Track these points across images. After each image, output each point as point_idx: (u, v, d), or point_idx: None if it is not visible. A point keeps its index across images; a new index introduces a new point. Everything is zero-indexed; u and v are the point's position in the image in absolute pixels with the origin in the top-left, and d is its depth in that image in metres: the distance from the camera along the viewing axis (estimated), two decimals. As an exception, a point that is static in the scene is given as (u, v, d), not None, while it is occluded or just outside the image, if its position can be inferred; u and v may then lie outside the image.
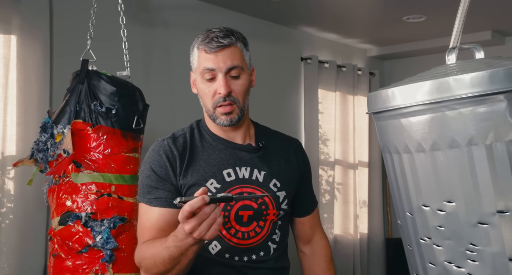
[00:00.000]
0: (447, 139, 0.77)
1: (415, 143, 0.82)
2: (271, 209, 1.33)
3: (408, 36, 4.01)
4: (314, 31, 3.90)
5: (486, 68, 0.74)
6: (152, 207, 1.27)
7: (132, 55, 2.61)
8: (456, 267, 0.81)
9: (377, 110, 0.91)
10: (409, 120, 0.82)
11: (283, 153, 1.42)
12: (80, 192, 1.66)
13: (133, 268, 1.73)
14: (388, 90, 0.87)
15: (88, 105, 1.70)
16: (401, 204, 0.92)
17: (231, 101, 1.28)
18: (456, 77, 0.75)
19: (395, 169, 0.90)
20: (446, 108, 0.77)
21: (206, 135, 1.36)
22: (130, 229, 1.75)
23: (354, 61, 4.34)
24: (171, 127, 2.93)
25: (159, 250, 1.16)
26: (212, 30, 1.29)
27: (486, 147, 0.74)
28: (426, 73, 0.90)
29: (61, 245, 1.66)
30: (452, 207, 0.79)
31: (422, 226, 0.86)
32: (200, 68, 1.29)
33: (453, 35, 1.01)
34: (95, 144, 1.69)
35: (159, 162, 1.29)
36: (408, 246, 0.94)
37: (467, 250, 0.79)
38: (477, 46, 0.92)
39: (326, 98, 4.05)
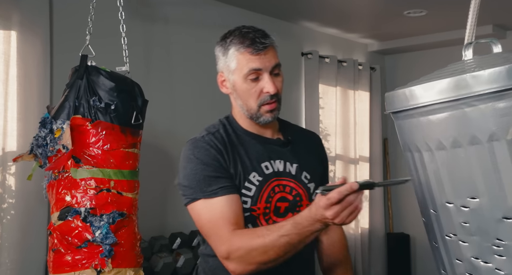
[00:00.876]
0: (468, 136, 0.77)
1: (436, 141, 0.82)
2: (304, 200, 1.38)
3: (409, 30, 4.00)
4: (315, 26, 3.89)
5: (504, 63, 0.74)
6: (217, 198, 1.26)
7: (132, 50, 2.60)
8: (483, 263, 0.81)
9: (396, 110, 0.91)
10: (428, 118, 0.82)
11: (308, 146, 1.48)
12: (80, 188, 1.67)
13: (132, 263, 1.74)
14: (406, 89, 0.87)
15: (87, 101, 1.70)
16: (424, 201, 0.92)
17: (276, 99, 1.33)
18: (474, 74, 0.75)
19: (417, 167, 0.91)
20: (465, 105, 0.77)
21: (238, 131, 1.39)
22: (129, 224, 1.75)
23: (355, 56, 4.33)
24: (171, 123, 2.96)
25: (273, 238, 1.16)
26: (247, 31, 1.32)
27: (508, 142, 0.74)
28: (443, 70, 0.89)
29: (61, 240, 1.67)
30: (476, 203, 0.79)
31: (446, 223, 0.86)
32: (244, 69, 1.31)
33: (467, 30, 0.99)
34: (94, 139, 1.69)
35: (209, 155, 1.30)
36: (434, 243, 0.94)
37: (493, 245, 0.79)
38: (494, 40, 0.92)
39: (327, 93, 4.04)
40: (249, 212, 1.31)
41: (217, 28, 3.23)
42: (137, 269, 1.74)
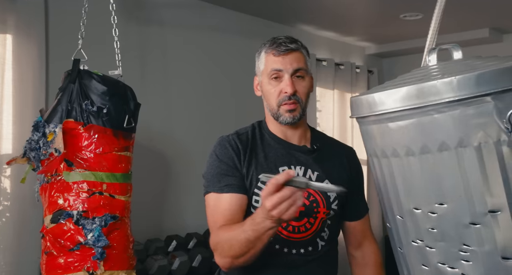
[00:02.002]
0: (437, 142, 0.77)
1: (404, 147, 0.82)
2: (322, 207, 1.41)
3: (405, 33, 4.01)
4: (312, 29, 3.90)
5: (472, 70, 0.75)
6: (223, 194, 1.36)
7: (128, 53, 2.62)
8: (450, 268, 0.81)
9: (362, 115, 0.91)
10: (397, 124, 0.82)
11: (336, 157, 1.50)
12: (72, 191, 1.68)
13: (125, 266, 1.74)
14: (374, 94, 0.86)
15: (80, 105, 1.71)
16: (390, 207, 0.92)
17: (295, 100, 1.39)
18: (444, 81, 0.75)
19: (383, 173, 0.90)
20: (434, 111, 0.77)
21: (266, 134, 1.47)
22: (122, 227, 1.76)
23: (352, 59, 4.34)
24: (166, 125, 2.97)
25: (237, 233, 1.22)
26: (278, 37, 1.43)
27: (475, 148, 0.74)
28: (407, 76, 0.90)
29: (53, 243, 1.68)
30: (444, 209, 0.79)
31: (413, 229, 0.86)
32: (268, 69, 1.41)
33: (429, 35, 1.01)
34: (86, 143, 1.70)
35: (226, 153, 1.40)
36: (399, 249, 0.93)
37: (460, 250, 0.79)
38: (455, 46, 0.93)
39: (324, 96, 4.05)
40: None
41: (213, 31, 3.27)
42: (130, 271, 1.75)
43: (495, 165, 0.75)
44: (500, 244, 0.75)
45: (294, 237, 1.38)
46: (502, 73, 0.73)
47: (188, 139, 3.06)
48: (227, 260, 1.28)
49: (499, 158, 0.74)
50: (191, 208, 3.00)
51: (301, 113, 1.41)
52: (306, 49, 1.46)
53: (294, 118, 1.40)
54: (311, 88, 1.44)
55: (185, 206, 3.02)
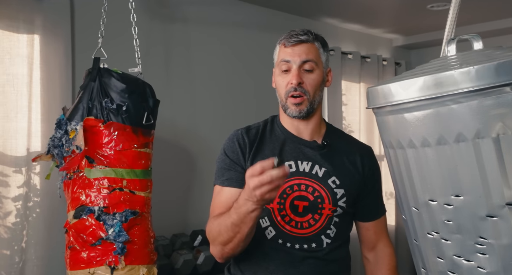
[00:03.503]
0: (454, 133, 0.76)
1: (420, 137, 0.81)
2: (327, 203, 1.39)
3: (433, 24, 3.91)
4: (337, 22, 3.85)
5: (490, 60, 0.73)
6: (224, 187, 1.40)
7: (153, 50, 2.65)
8: (465, 261, 0.80)
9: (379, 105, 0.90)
10: (414, 114, 0.81)
11: (349, 155, 1.48)
12: (93, 187, 1.71)
13: (145, 260, 1.77)
14: (390, 84, 0.85)
15: (100, 102, 1.75)
16: (406, 199, 0.91)
17: (301, 92, 1.38)
18: (462, 70, 0.74)
19: (399, 165, 0.89)
20: (451, 101, 0.75)
21: (277, 128, 1.48)
22: (142, 223, 1.79)
23: (379, 51, 4.27)
24: (191, 121, 3.00)
25: (224, 219, 1.27)
26: (295, 30, 1.42)
27: (493, 140, 0.73)
28: (426, 66, 0.88)
29: (76, 238, 1.72)
30: (460, 201, 0.78)
31: (429, 221, 0.85)
32: (278, 60, 1.42)
33: (448, 26, 0.98)
34: (107, 140, 1.73)
35: (232, 147, 1.43)
36: (414, 241, 0.92)
37: (476, 243, 0.78)
38: (476, 37, 0.90)
39: (350, 90, 4.00)
40: None
41: (236, 26, 3.27)
42: (150, 266, 1.78)
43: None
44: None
45: (297, 232, 1.37)
46: (522, 62, 0.72)
47: (213, 136, 3.08)
48: (218, 248, 1.32)
49: (518, 150, 0.72)
50: (216, 203, 3.02)
51: (308, 107, 1.39)
52: (323, 42, 1.44)
53: (301, 112, 1.39)
54: (321, 81, 1.41)
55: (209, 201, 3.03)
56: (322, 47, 1.43)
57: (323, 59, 1.42)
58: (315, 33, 1.43)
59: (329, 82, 1.47)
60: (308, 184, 1.39)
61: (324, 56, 1.43)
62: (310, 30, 1.43)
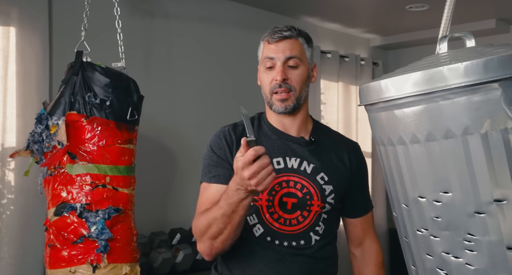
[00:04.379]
0: (442, 129, 0.77)
1: (410, 134, 0.81)
2: (316, 200, 1.38)
3: (411, 25, 3.97)
4: (316, 21, 3.87)
5: (479, 57, 0.73)
6: (211, 184, 1.39)
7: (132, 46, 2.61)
8: (454, 258, 0.81)
9: (370, 102, 0.90)
10: (403, 111, 0.81)
11: (336, 151, 1.47)
12: (75, 183, 1.67)
13: (128, 258, 1.74)
14: (381, 81, 0.86)
15: (83, 97, 1.70)
16: (396, 196, 0.91)
17: (287, 88, 1.37)
18: (450, 67, 0.74)
19: (390, 161, 0.89)
20: (440, 98, 0.76)
21: (264, 125, 1.46)
22: (125, 220, 1.75)
23: (357, 51, 4.31)
24: (171, 118, 2.96)
25: (213, 211, 1.25)
26: (278, 26, 1.41)
27: (482, 136, 0.73)
28: (418, 63, 0.89)
29: (57, 236, 1.67)
30: (448, 197, 0.79)
31: (418, 217, 0.85)
32: (262, 57, 1.41)
33: (442, 24, 1.00)
34: (89, 135, 1.69)
35: (219, 144, 1.42)
36: (405, 238, 0.93)
37: (464, 240, 0.78)
38: (468, 34, 0.91)
39: (329, 89, 4.03)
40: (252, 202, 1.36)
41: (217, 24, 3.25)
42: (133, 264, 1.75)
43: (502, 154, 0.73)
44: (505, 234, 0.74)
45: (285, 229, 1.37)
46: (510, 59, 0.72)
47: (193, 132, 3.05)
48: (207, 244, 1.30)
49: (506, 147, 0.73)
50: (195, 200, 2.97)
51: (295, 103, 1.38)
52: (307, 37, 1.43)
53: (287, 108, 1.38)
54: (306, 77, 1.41)
55: (189, 199, 3.01)
56: (306, 42, 1.42)
57: (307, 55, 1.41)
58: (299, 29, 1.43)
59: (314, 77, 1.46)
60: (297, 181, 1.38)
61: (308, 52, 1.42)
62: (294, 26, 1.42)
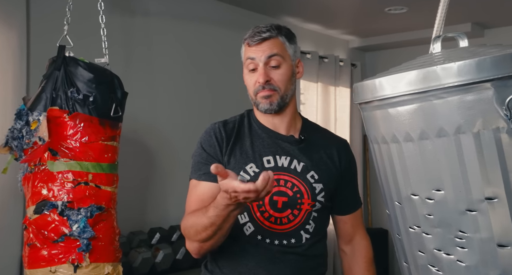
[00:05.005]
0: (435, 128, 0.78)
1: (403, 132, 0.82)
2: (306, 198, 1.38)
3: (390, 27, 4.03)
4: (297, 21, 3.88)
5: (472, 57, 0.75)
6: (201, 182, 1.38)
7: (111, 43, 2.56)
8: (445, 255, 0.82)
9: (364, 101, 0.91)
10: (397, 109, 0.82)
11: (326, 148, 1.47)
12: (56, 181, 1.63)
13: (111, 258, 1.71)
14: (375, 80, 0.86)
15: (65, 92, 1.67)
16: (389, 194, 0.92)
17: (270, 89, 1.37)
18: (444, 66, 0.75)
19: (383, 159, 0.90)
20: (433, 97, 0.77)
21: (254, 123, 1.46)
22: (108, 218, 1.72)
23: (336, 52, 4.35)
24: (151, 116, 2.93)
25: (201, 219, 1.25)
26: (258, 26, 1.40)
27: (474, 135, 0.74)
28: (412, 62, 0.90)
29: (37, 234, 1.63)
30: (440, 195, 0.80)
31: (411, 215, 0.86)
32: (245, 59, 1.41)
33: (436, 24, 1.01)
34: (72, 131, 1.65)
35: (209, 141, 1.42)
36: (397, 235, 0.94)
37: (456, 237, 0.79)
38: (461, 35, 0.93)
39: (308, 89, 4.05)
40: None
41: (198, 22, 3.23)
42: (116, 264, 1.72)
43: (493, 153, 0.75)
44: (496, 231, 0.76)
45: (276, 228, 1.37)
46: (503, 59, 0.73)
47: (173, 130, 3.02)
48: (195, 245, 1.31)
49: (498, 146, 0.75)
50: (175, 200, 2.97)
51: (279, 101, 1.38)
52: (288, 35, 1.42)
53: (272, 105, 1.38)
54: (290, 75, 1.40)
55: (168, 198, 2.99)
56: (287, 40, 1.41)
57: (290, 52, 1.40)
58: (280, 27, 1.41)
59: (300, 73, 1.46)
60: (287, 179, 1.38)
61: (291, 49, 1.41)
62: (274, 25, 1.41)
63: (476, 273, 0.79)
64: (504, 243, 0.75)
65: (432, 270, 0.86)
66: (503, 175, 0.74)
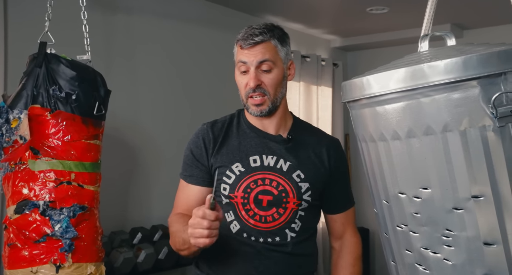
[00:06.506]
0: (423, 126, 0.78)
1: (391, 131, 0.82)
2: (291, 197, 1.39)
3: (371, 27, 4.06)
4: (279, 20, 3.88)
5: (459, 55, 0.75)
6: (188, 184, 1.45)
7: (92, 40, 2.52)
8: (432, 253, 0.82)
9: (352, 99, 0.91)
10: (385, 108, 0.83)
11: (315, 147, 1.48)
12: (38, 180, 1.60)
13: (93, 258, 1.68)
14: (363, 78, 0.87)
15: (47, 90, 1.63)
16: (377, 192, 0.93)
17: (261, 93, 1.38)
18: (430, 64, 0.76)
19: (371, 158, 0.91)
20: (421, 95, 0.77)
21: (243, 123, 1.48)
22: (91, 218, 1.70)
23: (318, 51, 4.36)
24: (132, 114, 2.90)
25: (179, 231, 1.32)
26: (252, 27, 1.40)
27: (461, 133, 0.75)
28: (400, 61, 0.90)
29: (17, 234, 1.60)
30: (427, 193, 0.80)
31: (398, 213, 0.87)
32: (237, 61, 1.42)
33: (425, 22, 1.02)
34: (54, 130, 1.62)
35: (196, 143, 1.46)
36: (385, 234, 0.94)
37: (442, 235, 0.80)
38: (449, 34, 0.94)
39: (290, 88, 4.06)
40: (228, 199, 1.40)
41: (180, 20, 3.20)
42: (99, 263, 1.69)
43: (480, 151, 0.75)
44: (482, 229, 0.76)
45: (260, 226, 1.39)
46: (489, 58, 0.74)
47: (155, 128, 3.00)
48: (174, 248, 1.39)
49: (484, 144, 0.75)
50: (157, 199, 2.95)
51: (270, 106, 1.40)
52: (280, 37, 1.42)
53: (262, 112, 1.40)
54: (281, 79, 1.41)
55: (150, 198, 2.96)
56: (280, 43, 1.41)
57: (282, 55, 1.41)
58: (272, 28, 1.42)
59: (292, 75, 1.47)
60: (272, 179, 1.40)
61: (283, 52, 1.42)
62: (267, 26, 1.41)
63: (462, 272, 0.79)
64: (490, 242, 0.76)
65: (419, 269, 0.86)
66: (489, 174, 0.75)
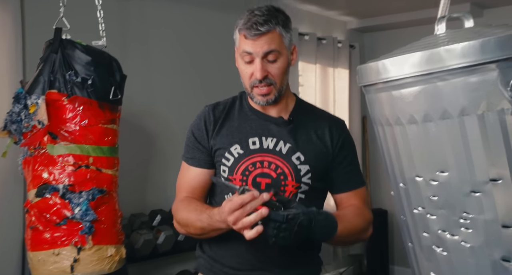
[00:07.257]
0: (439, 110, 0.77)
1: (407, 115, 0.81)
2: (290, 180, 1.38)
3: (388, 8, 3.99)
4: (294, 3, 3.84)
5: (477, 37, 0.73)
6: (189, 166, 1.46)
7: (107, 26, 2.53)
8: (450, 236, 0.82)
9: (368, 83, 0.90)
10: (401, 92, 0.81)
11: (317, 129, 1.44)
12: (57, 164, 1.63)
13: (113, 240, 1.72)
14: (379, 62, 0.85)
15: (63, 75, 1.65)
16: (393, 175, 0.92)
17: (267, 83, 1.35)
18: (447, 48, 0.74)
19: (387, 141, 0.90)
20: (437, 79, 0.76)
21: (245, 105, 1.47)
22: (110, 201, 1.73)
23: (334, 33, 4.31)
24: (148, 99, 2.92)
25: (193, 219, 1.33)
26: (254, 13, 1.34)
27: (478, 117, 0.74)
28: (416, 44, 0.88)
29: (39, 217, 1.64)
30: (445, 177, 0.79)
31: (415, 196, 0.86)
32: (240, 50, 1.37)
33: (441, 4, 1.00)
34: (71, 115, 1.64)
35: (198, 125, 1.46)
36: (402, 217, 0.94)
37: (460, 218, 0.79)
38: (467, 15, 0.91)
39: (307, 71, 4.03)
40: (227, 181, 1.39)
41: (195, 3, 3.19)
42: (119, 246, 1.73)
43: (498, 134, 0.74)
44: (500, 212, 0.76)
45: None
46: (507, 40, 0.72)
47: (171, 112, 3.01)
48: (182, 231, 1.42)
49: (502, 127, 0.74)
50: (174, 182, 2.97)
51: (276, 95, 1.37)
52: (284, 23, 1.36)
53: (268, 101, 1.38)
54: (286, 67, 1.38)
55: (168, 180, 2.98)
56: (284, 29, 1.36)
57: (286, 43, 1.37)
58: (276, 13, 1.35)
59: (294, 60, 1.43)
60: (271, 161, 1.38)
61: (287, 39, 1.37)
62: (270, 12, 1.34)
63: (480, 254, 0.79)
64: (508, 224, 0.75)
65: (437, 251, 0.86)
66: (508, 157, 0.74)
